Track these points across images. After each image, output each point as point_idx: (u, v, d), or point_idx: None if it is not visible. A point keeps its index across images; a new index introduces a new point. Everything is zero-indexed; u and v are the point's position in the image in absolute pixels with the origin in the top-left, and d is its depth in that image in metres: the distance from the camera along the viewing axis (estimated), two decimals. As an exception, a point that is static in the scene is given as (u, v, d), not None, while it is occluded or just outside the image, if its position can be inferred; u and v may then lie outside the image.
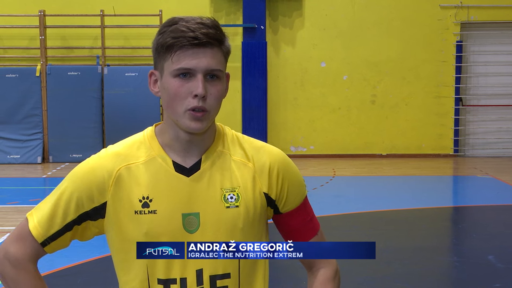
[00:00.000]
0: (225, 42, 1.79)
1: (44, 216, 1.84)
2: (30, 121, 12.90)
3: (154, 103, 12.81)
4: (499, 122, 13.88)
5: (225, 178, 1.84)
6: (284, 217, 1.92)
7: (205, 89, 1.73)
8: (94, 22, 13.14)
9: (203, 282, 1.81)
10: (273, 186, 1.87)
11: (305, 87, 13.56)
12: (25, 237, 1.85)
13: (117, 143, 1.92)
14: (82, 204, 1.82)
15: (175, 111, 1.76)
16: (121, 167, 1.83)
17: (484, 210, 8.76)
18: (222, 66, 1.78)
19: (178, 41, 1.72)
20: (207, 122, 1.77)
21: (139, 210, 1.80)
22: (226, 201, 1.82)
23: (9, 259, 1.84)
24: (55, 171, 11.96)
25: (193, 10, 13.23)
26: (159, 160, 1.83)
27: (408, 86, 13.59)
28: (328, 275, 1.94)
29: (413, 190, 10.30)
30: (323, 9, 13.48)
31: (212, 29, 1.74)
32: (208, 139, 1.86)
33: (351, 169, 12.06)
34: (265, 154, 1.88)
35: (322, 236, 1.98)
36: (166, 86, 1.76)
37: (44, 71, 12.85)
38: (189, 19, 1.75)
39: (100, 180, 1.82)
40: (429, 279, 5.80)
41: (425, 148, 13.74)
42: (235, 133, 1.93)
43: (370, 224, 7.57)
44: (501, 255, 6.42)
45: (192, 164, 1.83)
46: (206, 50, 1.74)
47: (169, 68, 1.75)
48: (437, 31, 13.50)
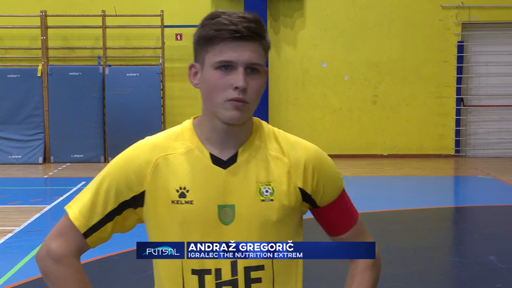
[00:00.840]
0: (266, 37, 1.81)
1: (85, 205, 1.85)
2: (31, 121, 12.91)
3: (155, 103, 12.82)
4: (500, 122, 13.87)
5: (260, 172, 1.85)
6: (323, 210, 1.94)
7: (246, 82, 1.75)
8: (96, 23, 13.14)
9: (238, 273, 1.82)
10: (308, 181, 1.88)
11: (306, 87, 13.56)
12: (66, 232, 1.86)
13: (154, 135, 1.94)
14: (121, 193, 1.84)
15: (214, 101, 1.78)
16: (159, 157, 1.85)
17: (485, 211, 8.75)
18: (262, 61, 1.79)
19: (220, 33, 1.74)
20: (246, 113, 1.78)
21: (176, 200, 1.82)
22: (261, 194, 1.84)
23: (52, 256, 1.84)
24: (57, 171, 11.97)
25: (194, 10, 13.23)
26: (196, 151, 1.85)
27: (409, 86, 13.59)
28: (367, 262, 1.96)
29: (414, 191, 10.29)
30: (324, 10, 13.48)
31: (254, 23, 1.77)
32: (245, 133, 1.87)
33: (352, 169, 12.06)
34: (301, 150, 1.90)
35: (361, 224, 2.01)
36: (207, 78, 1.78)
37: (46, 71, 12.86)
38: (231, 12, 1.79)
39: (138, 169, 1.84)
40: (431, 279, 5.80)
41: (426, 149, 13.73)
42: (272, 127, 1.94)
43: (371, 224, 7.56)
44: (503, 256, 6.41)
45: (229, 157, 1.85)
46: (247, 43, 1.75)
47: (210, 60, 1.77)
48: (438, 32, 13.50)
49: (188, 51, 13.37)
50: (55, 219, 8.15)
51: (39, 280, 5.69)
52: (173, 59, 13.41)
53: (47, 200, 9.36)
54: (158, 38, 13.23)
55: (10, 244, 6.91)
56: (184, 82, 13.50)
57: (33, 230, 7.45)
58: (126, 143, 9.41)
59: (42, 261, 1.86)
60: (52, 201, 9.11)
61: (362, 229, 2.01)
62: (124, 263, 5.95)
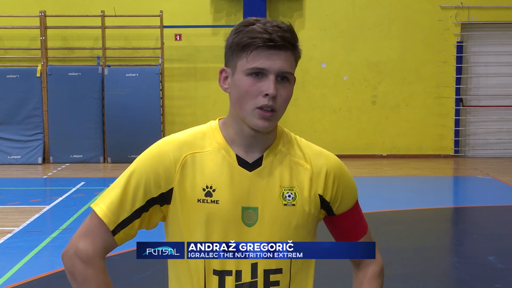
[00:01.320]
0: (298, 47, 1.85)
1: (114, 202, 1.85)
2: (30, 122, 12.90)
3: (154, 104, 12.81)
4: (500, 122, 13.88)
5: (284, 177, 1.90)
6: (337, 218, 2.00)
7: (276, 89, 1.78)
8: (95, 23, 13.14)
9: (257, 276, 1.86)
10: (328, 190, 1.94)
11: (306, 88, 13.56)
12: (94, 231, 1.86)
13: (181, 132, 1.95)
14: (149, 190, 1.85)
15: (244, 108, 1.81)
16: (187, 154, 1.87)
17: (485, 211, 8.76)
18: (293, 70, 1.84)
19: (254, 41, 1.78)
20: (274, 122, 1.83)
21: (202, 199, 1.85)
22: (284, 198, 1.89)
23: (80, 256, 1.84)
24: (56, 172, 11.96)
25: (194, 11, 13.24)
26: (223, 152, 1.88)
27: (408, 87, 13.59)
28: (375, 271, 2.04)
29: (413, 191, 10.29)
30: (324, 10, 13.48)
31: (288, 33, 1.80)
32: (271, 137, 1.92)
33: (351, 169, 12.04)
34: (323, 158, 1.96)
35: (370, 234, 2.08)
36: (238, 84, 1.82)
37: (45, 71, 12.85)
38: (265, 21, 1.81)
39: (167, 165, 1.85)
40: (430, 280, 5.80)
41: (425, 149, 13.73)
42: (294, 135, 1.99)
43: (370, 225, 7.51)
44: (502, 256, 6.42)
45: (255, 160, 1.89)
46: (280, 52, 1.79)
47: (242, 66, 1.80)
48: (438, 32, 13.50)
49: (188, 51, 13.38)
50: (54, 219, 8.15)
51: (38, 281, 5.69)
52: (173, 60, 13.41)
53: (47, 200, 9.36)
54: (158, 38, 13.22)
55: (10, 245, 6.90)
56: (183, 83, 13.51)
57: (32, 231, 7.44)
58: (125, 144, 9.49)
59: (70, 260, 1.86)
60: (51, 202, 9.10)
61: (371, 238, 2.09)
62: (125, 263, 5.95)
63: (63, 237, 7.07)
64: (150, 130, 12.62)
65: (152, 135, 12.33)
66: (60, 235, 7.21)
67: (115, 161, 12.72)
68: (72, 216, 8.12)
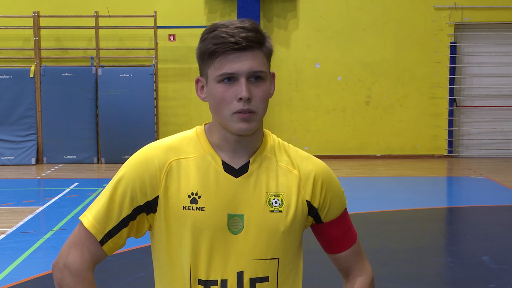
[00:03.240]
0: (266, 43, 1.82)
1: (101, 212, 1.83)
2: (24, 122, 12.86)
3: (148, 104, 12.80)
4: (493, 123, 13.91)
5: (271, 183, 1.87)
6: (325, 226, 1.96)
7: (249, 91, 1.76)
8: (89, 23, 13.11)
9: (243, 285, 1.84)
10: (316, 196, 1.91)
11: (300, 88, 13.57)
12: (82, 242, 1.84)
13: (167, 137, 1.93)
14: (136, 198, 1.83)
15: (222, 115, 1.79)
16: (172, 160, 1.85)
17: (479, 211, 8.77)
18: (264, 67, 1.80)
19: (219, 47, 1.75)
20: (255, 123, 1.79)
21: (188, 206, 1.82)
22: (270, 205, 1.86)
23: (69, 268, 1.83)
24: (50, 172, 11.93)
25: (188, 11, 13.23)
26: (208, 158, 1.86)
27: (402, 87, 13.61)
28: (364, 282, 2.00)
29: (407, 191, 10.31)
30: (318, 10, 13.49)
31: (252, 32, 1.78)
32: (256, 142, 1.89)
33: (345, 169, 12.08)
34: (311, 164, 1.92)
35: (359, 244, 2.03)
36: (212, 92, 1.80)
37: (38, 72, 12.82)
38: (228, 23, 1.79)
39: (152, 172, 1.83)
40: (424, 280, 5.81)
41: (419, 149, 13.76)
42: (281, 140, 1.96)
43: (364, 225, 7.57)
44: (496, 256, 6.43)
45: (241, 166, 1.86)
46: (247, 53, 1.77)
47: (213, 74, 1.78)
48: (431, 32, 13.53)
49: (181, 52, 13.36)
50: (48, 220, 8.13)
51: (32, 282, 5.68)
52: (166, 60, 13.40)
53: (40, 201, 9.33)
54: (151, 39, 13.21)
55: (3, 246, 6.88)
56: (177, 83, 13.49)
57: (26, 232, 7.42)
58: (119, 144, 9.49)
59: (59, 273, 1.84)
60: (45, 202, 9.08)
61: (360, 249, 2.04)
62: (119, 264, 5.93)
63: (57, 238, 7.05)
64: (144, 131, 12.60)
65: (146, 136, 12.32)
66: (54, 236, 7.19)
67: (109, 162, 12.70)
68: (65, 217, 8.10)
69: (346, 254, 1.99)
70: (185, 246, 1.82)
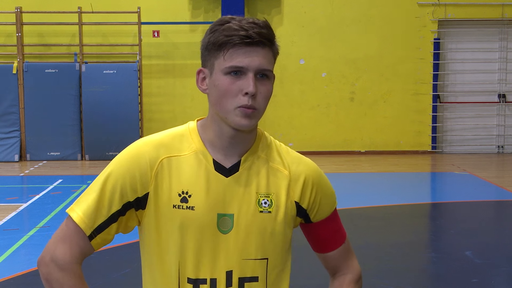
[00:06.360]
0: (275, 43, 1.82)
1: (90, 206, 1.81)
2: (7, 119, 12.77)
3: (132, 101, 12.75)
4: (476, 119, 14.00)
5: (261, 183, 1.86)
6: (315, 226, 1.97)
7: (256, 87, 1.75)
8: (72, 19, 13.04)
9: (232, 284, 1.84)
10: (305, 197, 1.91)
11: (284, 84, 13.58)
12: (70, 236, 1.82)
13: (159, 133, 1.91)
14: (126, 193, 1.81)
15: (224, 108, 1.78)
16: (163, 158, 1.84)
17: (462, 206, 8.83)
18: (271, 67, 1.80)
19: (231, 39, 1.74)
20: (255, 120, 1.79)
21: (178, 205, 1.81)
22: (260, 205, 1.85)
23: (57, 262, 1.80)
24: (33, 169, 11.87)
25: (171, 7, 13.19)
26: (200, 156, 1.85)
27: (386, 83, 13.66)
28: (351, 279, 2.01)
29: (391, 187, 10.36)
30: (302, 7, 13.50)
31: (265, 29, 1.77)
32: (249, 141, 1.87)
33: (330, 165, 12.10)
34: (302, 165, 1.92)
35: (348, 243, 2.04)
36: (217, 83, 1.78)
37: (21, 68, 12.73)
38: (241, 18, 1.78)
39: (143, 169, 1.82)
40: (408, 275, 5.84)
41: (403, 145, 13.82)
42: (274, 139, 1.95)
43: (349, 221, 7.59)
44: (479, 251, 6.48)
45: (232, 165, 1.85)
46: (258, 49, 1.76)
47: (220, 65, 1.76)
48: (415, 29, 13.59)
49: (165, 48, 13.33)
50: (31, 217, 8.09)
51: (15, 279, 5.64)
52: (151, 56, 13.36)
53: (24, 198, 9.28)
54: (135, 35, 13.16)
55: (-14, 243, 6.84)
56: (162, 79, 13.46)
57: (9, 229, 7.38)
58: (103, 141, 9.47)
59: (46, 268, 1.82)
60: (28, 199, 9.03)
61: (350, 248, 2.05)
62: (104, 260, 5.92)
63: (40, 235, 7.01)
64: (128, 127, 12.56)
65: (130, 132, 12.29)
66: (37, 233, 7.15)
67: (93, 159, 12.65)
68: (49, 214, 8.06)
69: (335, 254, 2.00)
70: (174, 244, 1.82)
